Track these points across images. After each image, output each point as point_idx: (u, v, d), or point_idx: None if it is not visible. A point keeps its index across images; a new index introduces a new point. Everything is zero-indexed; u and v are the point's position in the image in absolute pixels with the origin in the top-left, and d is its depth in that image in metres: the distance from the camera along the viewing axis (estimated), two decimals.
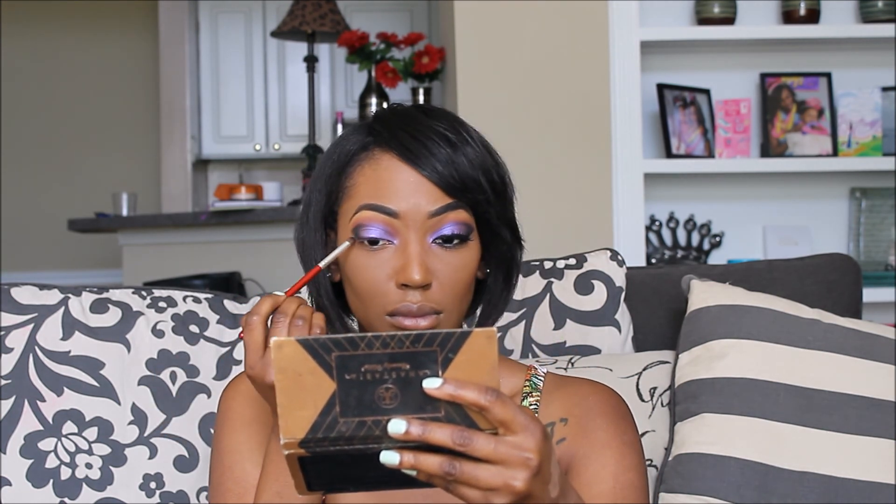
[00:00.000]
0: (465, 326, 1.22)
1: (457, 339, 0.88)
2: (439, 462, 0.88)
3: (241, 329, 1.12)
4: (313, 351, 0.87)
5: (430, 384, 0.87)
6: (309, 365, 0.87)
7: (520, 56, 2.96)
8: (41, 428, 1.51)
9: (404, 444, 0.88)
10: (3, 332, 1.53)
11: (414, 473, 0.88)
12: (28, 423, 1.51)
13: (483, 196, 1.17)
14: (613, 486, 1.17)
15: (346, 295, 1.21)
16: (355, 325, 1.25)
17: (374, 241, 1.15)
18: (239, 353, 1.58)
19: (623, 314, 1.65)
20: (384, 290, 1.14)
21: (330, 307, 1.22)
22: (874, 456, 1.44)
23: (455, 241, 1.16)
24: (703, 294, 1.57)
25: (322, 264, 1.16)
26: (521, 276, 1.65)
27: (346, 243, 1.16)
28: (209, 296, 1.62)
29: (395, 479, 0.90)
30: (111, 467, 1.51)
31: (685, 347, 1.55)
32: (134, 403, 1.53)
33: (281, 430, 0.88)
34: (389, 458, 0.87)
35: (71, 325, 1.55)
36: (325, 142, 5.24)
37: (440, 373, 0.87)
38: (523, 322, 1.63)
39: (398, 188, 1.15)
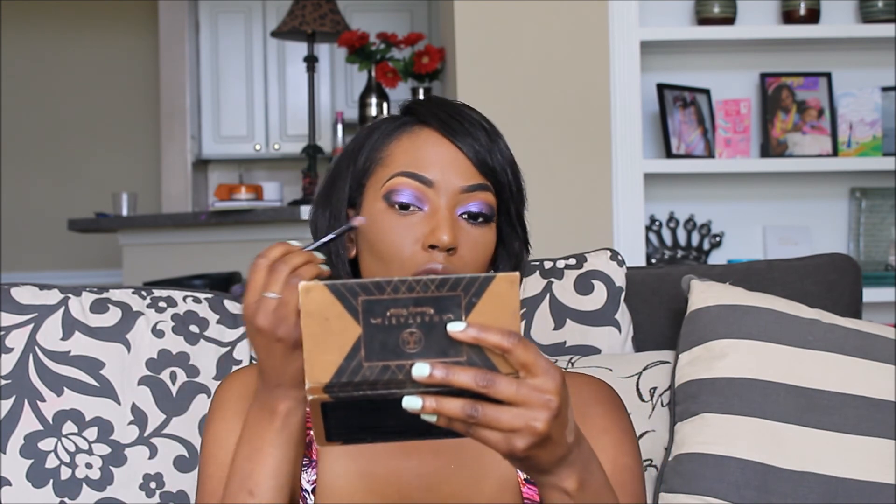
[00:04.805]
0: None
1: (480, 284, 0.89)
2: (461, 405, 0.89)
3: (243, 326, 1.11)
4: (340, 295, 0.88)
5: (454, 328, 0.89)
6: (336, 309, 0.88)
7: (520, 56, 2.96)
8: (41, 428, 1.51)
9: (426, 390, 0.89)
10: (3, 332, 1.53)
11: (434, 419, 0.90)
12: (28, 423, 1.50)
13: (509, 187, 1.21)
14: (612, 469, 1.18)
15: (363, 266, 1.22)
16: None
17: (404, 207, 1.17)
18: (239, 352, 1.58)
19: (623, 314, 1.65)
20: (410, 252, 1.16)
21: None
22: (874, 456, 1.44)
23: (480, 219, 1.19)
24: (703, 294, 1.57)
25: (330, 236, 1.14)
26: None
27: (353, 223, 1.16)
28: (209, 296, 1.62)
29: (415, 428, 0.91)
30: (111, 467, 1.51)
31: (685, 347, 1.55)
32: (134, 403, 1.53)
33: (306, 375, 0.89)
34: (412, 402, 0.89)
35: (71, 325, 1.55)
36: (325, 142, 5.23)
37: (464, 317, 0.89)
38: (523, 322, 1.63)
39: (434, 160, 1.18)
